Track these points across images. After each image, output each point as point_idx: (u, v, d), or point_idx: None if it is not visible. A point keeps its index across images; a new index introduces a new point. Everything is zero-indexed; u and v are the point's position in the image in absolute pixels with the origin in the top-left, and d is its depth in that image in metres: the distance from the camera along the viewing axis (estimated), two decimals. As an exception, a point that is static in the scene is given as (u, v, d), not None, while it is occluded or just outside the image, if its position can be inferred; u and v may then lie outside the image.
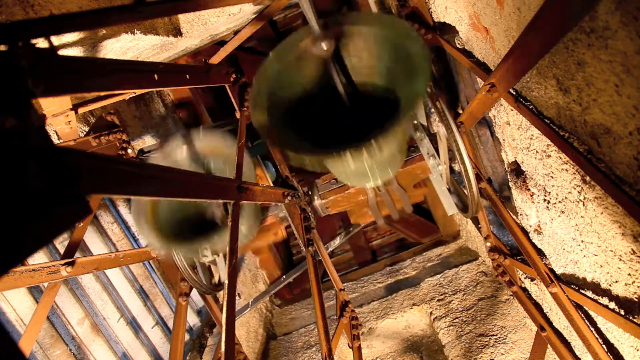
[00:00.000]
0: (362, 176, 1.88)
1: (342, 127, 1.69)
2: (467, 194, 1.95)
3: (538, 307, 2.42)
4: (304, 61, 1.62)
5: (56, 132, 2.11)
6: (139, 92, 2.12)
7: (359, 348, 2.62)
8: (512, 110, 1.85)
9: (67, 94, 1.63)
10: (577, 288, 1.89)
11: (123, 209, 3.11)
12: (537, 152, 1.80)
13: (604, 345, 1.77)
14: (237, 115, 2.42)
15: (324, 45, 1.51)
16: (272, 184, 3.35)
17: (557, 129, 1.49)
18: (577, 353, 2.14)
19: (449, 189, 2.28)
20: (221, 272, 2.55)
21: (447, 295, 3.59)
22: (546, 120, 1.55)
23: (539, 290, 2.48)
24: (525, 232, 2.26)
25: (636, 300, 1.46)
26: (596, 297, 1.74)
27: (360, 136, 1.32)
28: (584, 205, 1.55)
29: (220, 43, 2.42)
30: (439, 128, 1.94)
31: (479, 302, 3.33)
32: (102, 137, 2.29)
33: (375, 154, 1.53)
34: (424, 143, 2.31)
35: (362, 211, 2.67)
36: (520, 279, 2.67)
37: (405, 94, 1.47)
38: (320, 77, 1.66)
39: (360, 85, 1.69)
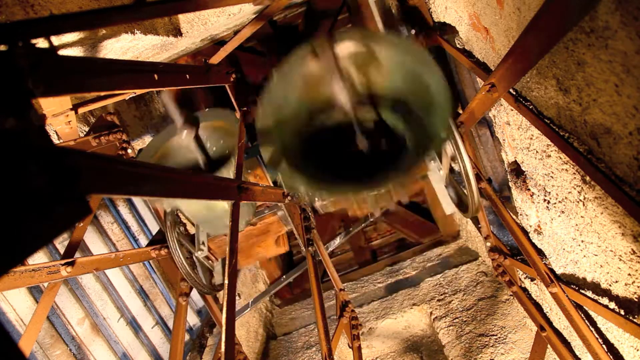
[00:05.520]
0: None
1: (352, 157, 1.62)
2: (467, 194, 1.95)
3: (538, 307, 2.42)
4: (310, 85, 1.54)
5: (56, 132, 2.11)
6: (139, 92, 2.12)
7: (359, 348, 2.62)
8: (512, 110, 1.85)
9: (67, 94, 1.62)
10: (577, 288, 1.88)
11: (123, 209, 3.11)
12: (537, 152, 1.80)
13: (604, 345, 1.77)
14: (237, 115, 2.41)
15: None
16: (272, 184, 3.35)
17: (557, 129, 1.49)
18: (577, 353, 2.14)
19: (446, 186, 2.29)
20: (220, 274, 2.55)
21: (447, 295, 3.59)
22: (546, 120, 1.55)
23: (539, 290, 2.48)
24: (525, 232, 2.26)
25: (636, 300, 1.46)
26: (596, 297, 1.74)
27: (372, 173, 1.27)
28: (584, 205, 1.55)
29: (220, 43, 2.42)
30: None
31: (479, 302, 3.33)
32: (102, 137, 2.28)
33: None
34: None
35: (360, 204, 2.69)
36: (520, 279, 2.67)
37: (423, 131, 1.41)
38: (329, 101, 1.58)
39: (372, 116, 1.61)
